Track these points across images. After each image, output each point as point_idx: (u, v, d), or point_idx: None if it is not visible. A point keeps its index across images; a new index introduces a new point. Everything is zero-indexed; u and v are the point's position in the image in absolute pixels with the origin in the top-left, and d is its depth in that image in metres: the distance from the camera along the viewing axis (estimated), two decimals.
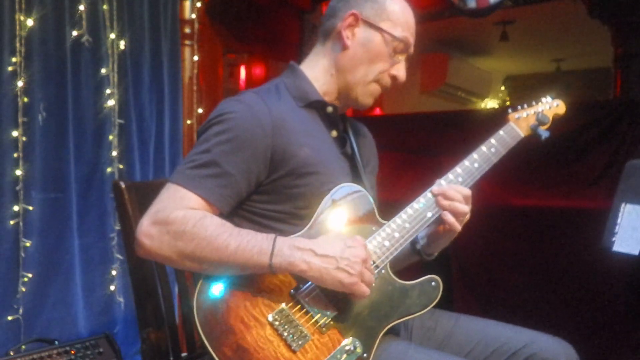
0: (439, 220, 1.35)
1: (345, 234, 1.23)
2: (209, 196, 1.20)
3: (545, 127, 1.52)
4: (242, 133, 1.23)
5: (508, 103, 7.94)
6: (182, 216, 1.16)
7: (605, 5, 3.16)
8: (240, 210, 1.29)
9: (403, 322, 1.31)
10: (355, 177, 1.39)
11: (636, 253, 1.42)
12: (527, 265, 2.78)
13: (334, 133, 1.39)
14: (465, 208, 1.33)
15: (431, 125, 3.51)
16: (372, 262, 1.22)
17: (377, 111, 4.63)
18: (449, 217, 1.32)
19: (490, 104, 7.83)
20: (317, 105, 1.37)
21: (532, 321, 1.48)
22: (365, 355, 1.21)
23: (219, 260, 1.15)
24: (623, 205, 1.47)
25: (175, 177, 1.22)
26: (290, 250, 1.15)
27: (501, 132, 1.47)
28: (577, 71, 7.06)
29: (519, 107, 1.54)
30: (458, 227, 1.34)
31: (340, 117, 1.45)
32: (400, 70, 1.38)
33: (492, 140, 1.44)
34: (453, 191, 1.32)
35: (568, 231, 2.65)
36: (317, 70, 1.39)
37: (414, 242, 1.45)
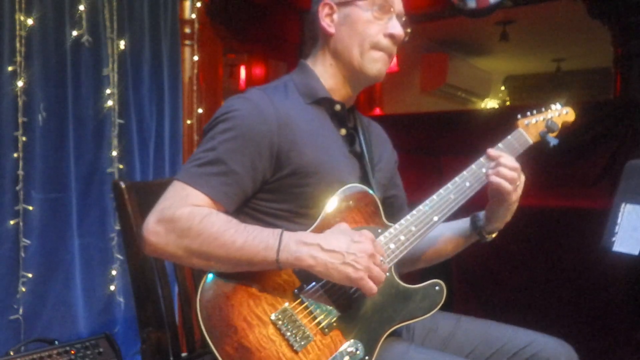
0: (493, 195, 1.35)
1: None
2: (214, 194, 1.20)
3: (554, 134, 1.50)
4: (248, 130, 1.23)
5: (508, 103, 7.94)
6: (187, 213, 1.15)
7: (605, 5, 3.16)
8: (246, 208, 1.29)
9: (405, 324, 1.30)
10: (364, 176, 1.37)
11: (636, 253, 1.42)
12: (527, 265, 2.78)
13: (343, 131, 1.38)
14: (513, 174, 1.33)
15: (431, 125, 3.52)
16: (381, 259, 1.19)
17: (377, 111, 4.62)
18: (499, 181, 1.32)
19: (490, 104, 7.83)
20: (325, 103, 1.37)
21: (532, 321, 1.48)
22: (367, 357, 1.21)
23: (225, 256, 1.15)
24: (623, 205, 1.47)
25: (181, 174, 1.22)
26: (297, 245, 1.15)
27: (510, 137, 1.45)
28: (577, 71, 7.06)
29: (529, 112, 1.52)
30: (511, 192, 1.33)
31: (351, 113, 1.45)
32: (394, 28, 1.35)
33: (500, 146, 1.43)
34: (503, 158, 1.34)
35: (568, 231, 2.65)
36: (319, 67, 1.40)
37: (475, 221, 1.45)
